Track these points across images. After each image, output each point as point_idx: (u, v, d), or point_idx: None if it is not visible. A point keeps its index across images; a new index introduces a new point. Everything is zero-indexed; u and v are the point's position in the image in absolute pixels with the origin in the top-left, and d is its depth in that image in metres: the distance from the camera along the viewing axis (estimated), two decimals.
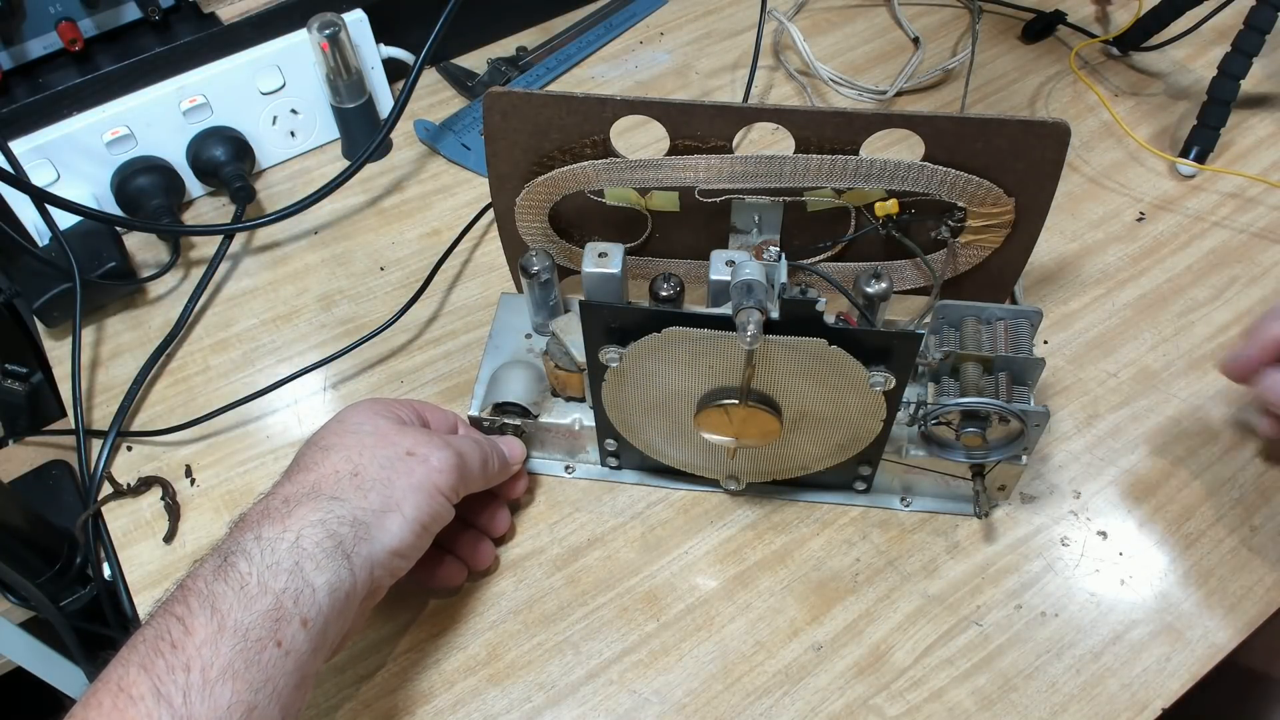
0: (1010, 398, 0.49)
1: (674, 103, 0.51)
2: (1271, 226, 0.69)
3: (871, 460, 0.53)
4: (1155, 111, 0.78)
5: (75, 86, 0.67)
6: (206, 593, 0.39)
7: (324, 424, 0.48)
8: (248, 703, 0.37)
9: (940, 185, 0.52)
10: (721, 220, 0.57)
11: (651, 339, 0.47)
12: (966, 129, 0.51)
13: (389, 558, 0.44)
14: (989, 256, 0.56)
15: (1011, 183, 0.53)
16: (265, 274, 0.70)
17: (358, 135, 0.75)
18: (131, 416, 0.62)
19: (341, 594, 0.41)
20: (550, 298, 0.55)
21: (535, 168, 0.54)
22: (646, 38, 0.85)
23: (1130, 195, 0.72)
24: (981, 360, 0.50)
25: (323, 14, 0.69)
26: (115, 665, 0.37)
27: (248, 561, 0.40)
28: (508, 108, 0.52)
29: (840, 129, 0.51)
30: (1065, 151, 0.51)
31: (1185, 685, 0.50)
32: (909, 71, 0.79)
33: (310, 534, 0.41)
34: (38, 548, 0.58)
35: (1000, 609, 0.52)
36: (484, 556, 0.53)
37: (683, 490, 0.57)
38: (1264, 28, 0.69)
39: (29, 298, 0.63)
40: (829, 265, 0.58)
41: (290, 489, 0.44)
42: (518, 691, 0.50)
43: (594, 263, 0.51)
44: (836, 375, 0.46)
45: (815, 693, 0.50)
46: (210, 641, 0.37)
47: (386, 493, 0.44)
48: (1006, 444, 0.51)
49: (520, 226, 0.57)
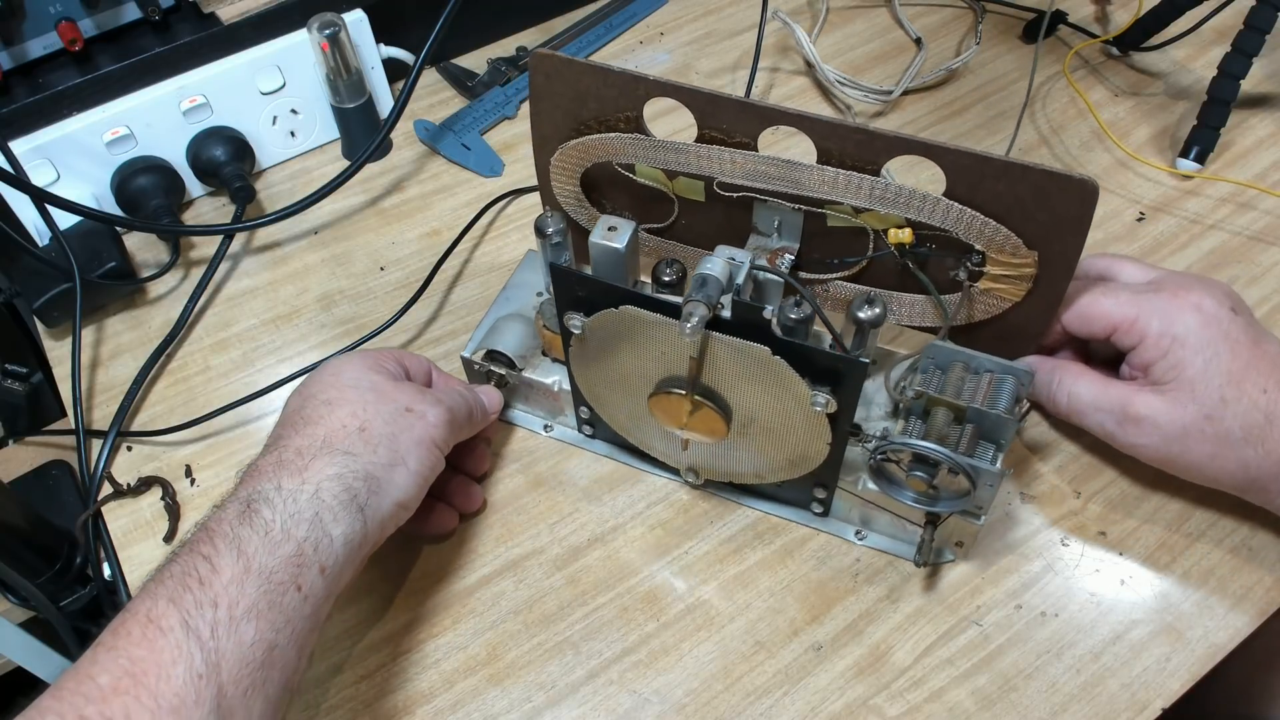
0: (970, 451, 0.47)
1: (703, 91, 0.51)
2: (1271, 228, 0.69)
3: (826, 484, 0.52)
4: (1155, 111, 0.78)
5: (75, 86, 0.67)
6: (232, 535, 0.41)
7: (312, 375, 0.50)
8: (269, 641, 0.39)
9: (957, 223, 0.50)
10: (744, 218, 0.56)
11: (610, 314, 0.48)
12: (988, 168, 0.48)
13: (396, 509, 0.47)
14: (1008, 310, 0.53)
15: (1033, 234, 0.49)
16: (265, 274, 0.70)
17: (358, 135, 0.75)
18: (131, 416, 0.62)
19: (355, 544, 0.44)
20: (562, 259, 0.56)
21: (573, 133, 0.56)
22: (646, 38, 0.85)
23: (1130, 196, 0.72)
24: (953, 408, 0.48)
25: (323, 14, 0.69)
26: (143, 597, 0.39)
27: (271, 509, 0.42)
28: (551, 70, 0.53)
29: (862, 146, 0.50)
30: (1092, 210, 0.47)
31: (1185, 685, 0.50)
32: (913, 72, 0.79)
33: (328, 487, 0.44)
34: (38, 548, 0.58)
35: (1000, 609, 0.52)
36: (474, 498, 0.56)
37: (663, 479, 0.57)
38: (1264, 28, 0.69)
39: (29, 298, 0.63)
40: (839, 283, 0.57)
41: (301, 441, 0.46)
42: (518, 691, 0.50)
43: (602, 235, 0.51)
44: (780, 387, 0.46)
45: (815, 693, 0.50)
46: (237, 581, 0.39)
47: (393, 448, 0.47)
48: (957, 498, 0.49)
49: (554, 187, 0.59)
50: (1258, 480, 0.50)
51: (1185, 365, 0.49)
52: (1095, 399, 0.52)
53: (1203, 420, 0.49)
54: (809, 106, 0.79)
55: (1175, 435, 0.50)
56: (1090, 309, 0.52)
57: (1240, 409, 0.49)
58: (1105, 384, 0.53)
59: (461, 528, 0.56)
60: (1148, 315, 0.50)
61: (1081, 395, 0.53)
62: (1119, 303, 0.51)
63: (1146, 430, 0.51)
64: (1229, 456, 0.49)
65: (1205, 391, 0.49)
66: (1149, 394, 0.51)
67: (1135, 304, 0.51)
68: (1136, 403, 0.51)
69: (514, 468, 0.59)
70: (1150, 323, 0.50)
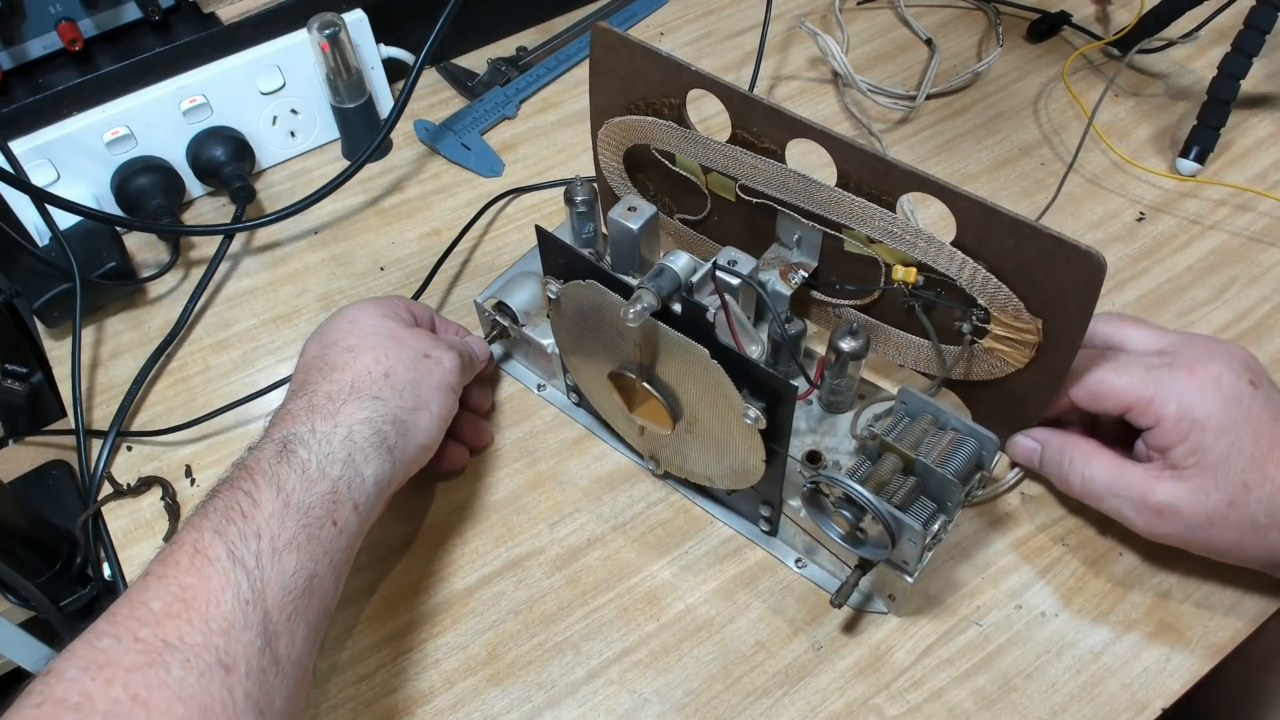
0: (905, 504, 0.46)
1: (737, 90, 0.52)
2: (1270, 228, 0.69)
3: (771, 503, 0.52)
4: (1156, 111, 0.78)
5: (75, 86, 0.67)
6: (271, 473, 0.43)
7: (329, 323, 0.52)
8: (309, 570, 0.42)
9: (960, 272, 0.48)
10: (768, 226, 0.57)
11: (578, 284, 0.49)
12: (997, 221, 0.46)
13: (420, 451, 0.49)
14: (1012, 376, 0.51)
15: (1039, 301, 0.47)
16: (265, 274, 0.70)
17: (358, 135, 0.75)
18: (131, 416, 0.62)
19: (384, 483, 0.47)
20: (585, 229, 0.57)
21: (624, 109, 0.58)
22: (647, 38, 0.85)
23: (1130, 196, 0.72)
24: (903, 457, 0.46)
25: (323, 14, 0.69)
26: (188, 530, 0.41)
27: (306, 450, 0.44)
28: (608, 44, 0.55)
29: (878, 175, 0.49)
30: (1098, 288, 0.45)
31: (1185, 685, 0.50)
32: (931, 75, 0.79)
33: (360, 430, 0.46)
34: (38, 548, 0.58)
35: (1000, 609, 0.52)
36: (484, 434, 0.59)
37: (631, 458, 0.57)
38: (1264, 28, 0.69)
39: (29, 298, 0.63)
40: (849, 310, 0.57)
41: (330, 386, 0.48)
42: (518, 691, 0.50)
43: (620, 213, 0.52)
44: (719, 394, 0.47)
45: (815, 693, 0.50)
46: (278, 515, 0.42)
47: (416, 393, 0.49)
48: (881, 547, 0.47)
49: (600, 158, 0.61)
50: None
51: (1207, 451, 0.47)
52: (1111, 484, 0.50)
53: (1226, 508, 0.47)
54: (813, 107, 0.79)
55: (1199, 524, 0.48)
56: (1101, 386, 0.50)
57: (1264, 494, 0.47)
58: (1121, 467, 0.50)
59: (461, 528, 0.56)
60: (1164, 396, 0.48)
61: (1097, 479, 0.50)
62: (1133, 381, 0.49)
63: (1169, 520, 0.48)
64: (1253, 542, 0.48)
65: (1227, 478, 0.47)
66: (1170, 481, 0.48)
67: (1150, 383, 0.48)
68: (1158, 491, 0.48)
69: (514, 468, 0.59)
70: (1168, 405, 0.48)
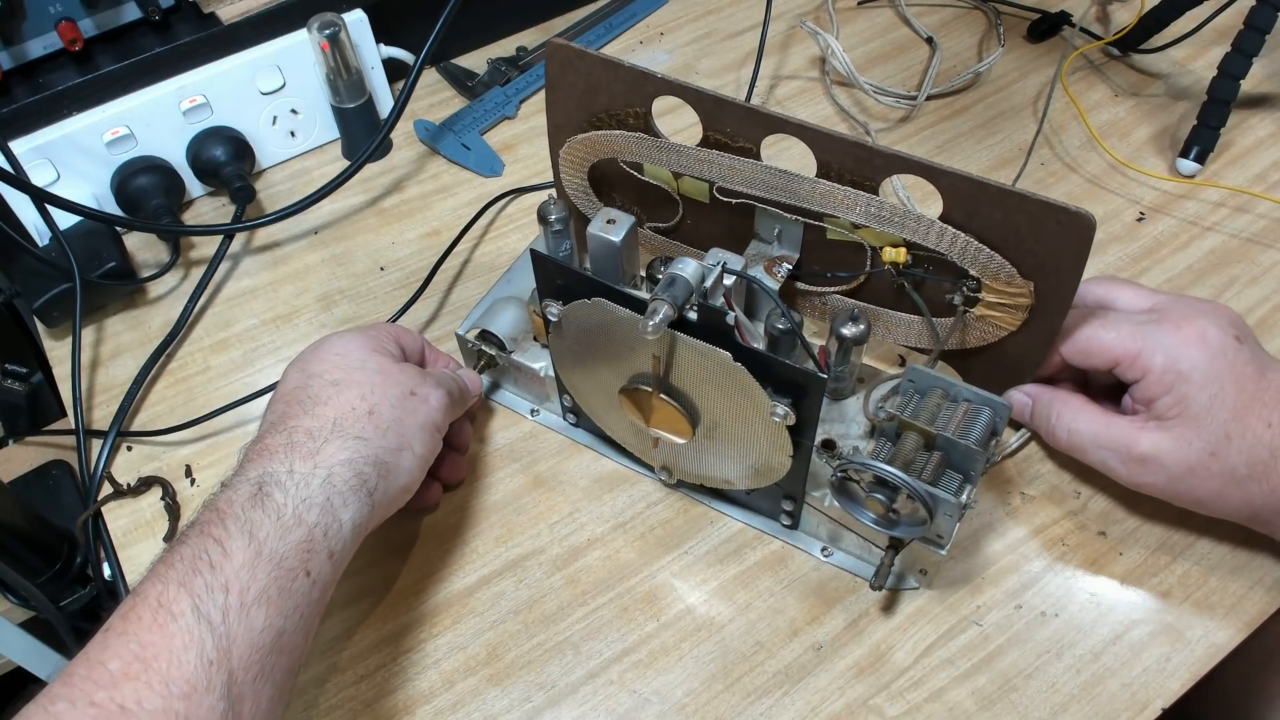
0: (934, 479, 0.46)
1: (708, 93, 0.51)
2: (1270, 229, 0.69)
3: (794, 496, 0.52)
4: (1156, 111, 0.78)
5: (75, 86, 0.67)
6: (244, 518, 0.41)
7: (312, 352, 0.50)
8: (279, 627, 0.39)
9: (951, 247, 0.49)
10: (746, 224, 0.56)
11: (584, 304, 0.48)
12: (985, 194, 0.47)
13: (400, 493, 0.48)
14: (1005, 340, 0.52)
15: (1030, 266, 0.48)
16: (265, 274, 0.70)
17: (358, 135, 0.75)
18: (131, 416, 0.62)
19: (361, 528, 0.45)
20: (562, 247, 0.56)
21: (586, 124, 0.56)
22: (646, 38, 0.85)
23: (1129, 196, 0.72)
24: (924, 434, 0.47)
25: (323, 14, 0.69)
26: (152, 581, 0.39)
27: (283, 493, 0.42)
28: (564, 60, 0.54)
29: (860, 162, 0.49)
30: (1088, 246, 0.46)
31: (1185, 685, 0.50)
32: (933, 74, 0.79)
33: (340, 473, 0.44)
34: (38, 548, 0.58)
35: (1000, 609, 0.52)
36: (459, 470, 0.57)
37: (635, 470, 0.57)
38: (1264, 28, 0.69)
39: (29, 298, 0.63)
40: (836, 297, 0.57)
41: (311, 422, 0.45)
42: (518, 691, 0.50)
43: (600, 227, 0.51)
44: (742, 395, 0.46)
45: (815, 693, 0.50)
46: (248, 566, 0.39)
47: (400, 432, 0.47)
48: (916, 525, 0.47)
49: (563, 178, 0.59)
50: (1261, 514, 0.49)
51: (1190, 401, 0.48)
52: (1097, 436, 0.51)
53: (1208, 457, 0.48)
54: (812, 107, 0.79)
55: (1181, 473, 0.49)
56: (1091, 343, 0.51)
57: (1245, 445, 0.48)
58: (1107, 420, 0.51)
59: (461, 528, 0.56)
60: (1151, 350, 0.49)
61: (1083, 432, 0.52)
62: (1120, 336, 0.50)
63: (1152, 469, 0.50)
64: (1233, 493, 0.49)
65: (1210, 428, 0.48)
66: (1154, 431, 0.49)
67: (1138, 337, 0.50)
68: (1141, 441, 0.49)
69: (514, 468, 0.59)
70: (1154, 358, 0.49)
